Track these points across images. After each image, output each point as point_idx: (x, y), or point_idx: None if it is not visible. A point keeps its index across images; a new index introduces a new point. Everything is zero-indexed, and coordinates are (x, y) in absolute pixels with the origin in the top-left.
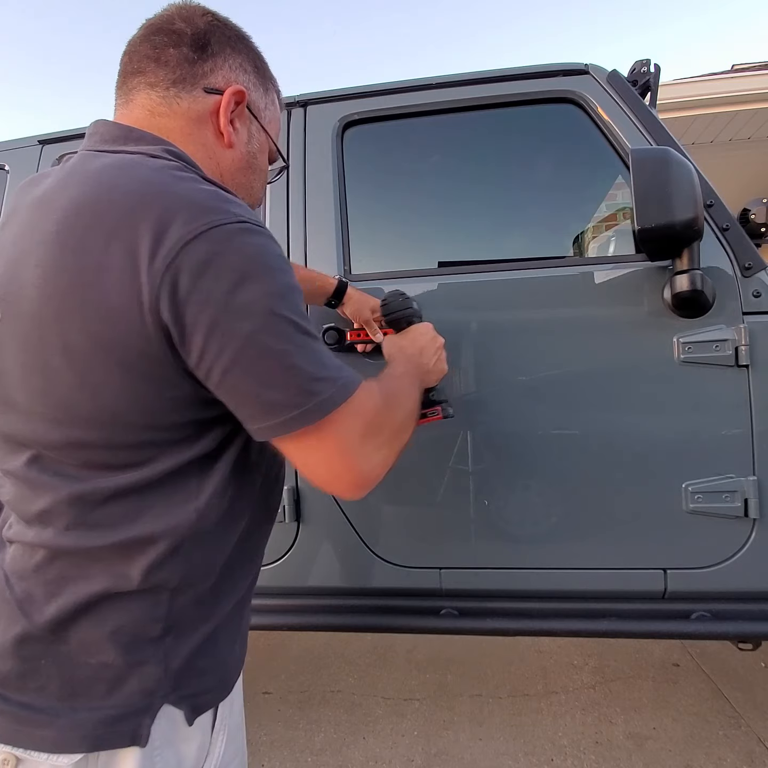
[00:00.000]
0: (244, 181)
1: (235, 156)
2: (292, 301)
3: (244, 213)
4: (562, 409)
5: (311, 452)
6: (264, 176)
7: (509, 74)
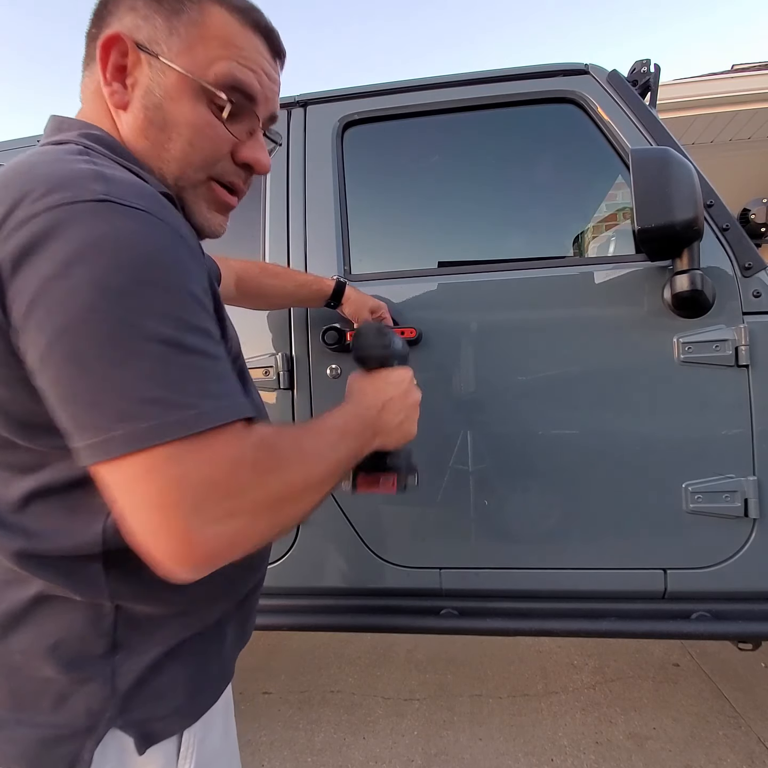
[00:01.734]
0: (149, 144)
1: (129, 118)
2: (147, 301)
3: (118, 192)
4: (562, 409)
5: (123, 492)
6: (182, 128)
7: (509, 74)
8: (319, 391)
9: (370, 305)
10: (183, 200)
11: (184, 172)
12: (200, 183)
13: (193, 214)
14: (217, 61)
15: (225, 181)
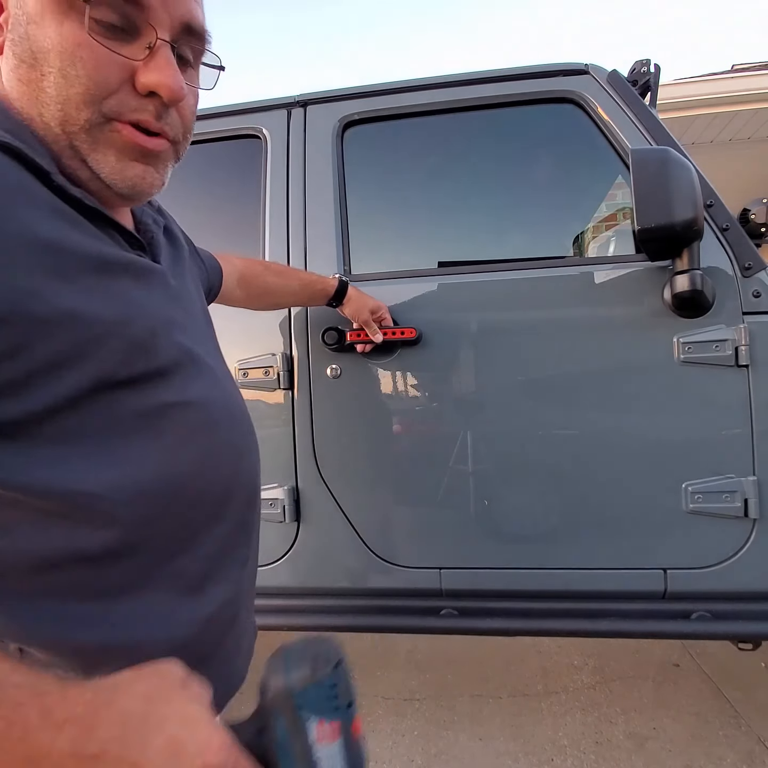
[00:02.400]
0: (26, 88)
1: (4, 63)
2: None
3: None
4: (562, 409)
5: None
6: (52, 58)
7: (509, 74)
8: (319, 391)
9: (370, 306)
10: (82, 153)
11: (66, 113)
12: (94, 125)
13: (99, 165)
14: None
15: (127, 119)
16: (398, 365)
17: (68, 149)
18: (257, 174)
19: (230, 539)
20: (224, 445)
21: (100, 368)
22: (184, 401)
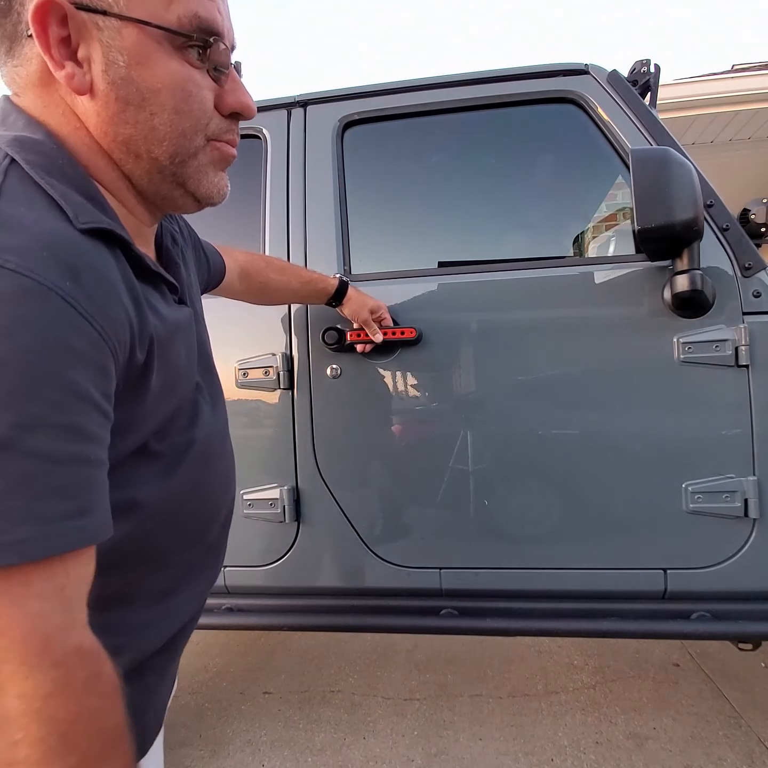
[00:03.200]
0: (134, 130)
1: (99, 105)
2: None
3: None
4: (562, 409)
5: None
6: (164, 97)
7: (509, 74)
8: (319, 391)
9: (369, 305)
10: (185, 176)
11: (180, 145)
12: (200, 149)
13: (200, 185)
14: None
15: (224, 139)
16: (398, 365)
17: (170, 176)
18: (257, 174)
19: (202, 561)
20: (216, 475)
21: (157, 427)
22: (189, 439)
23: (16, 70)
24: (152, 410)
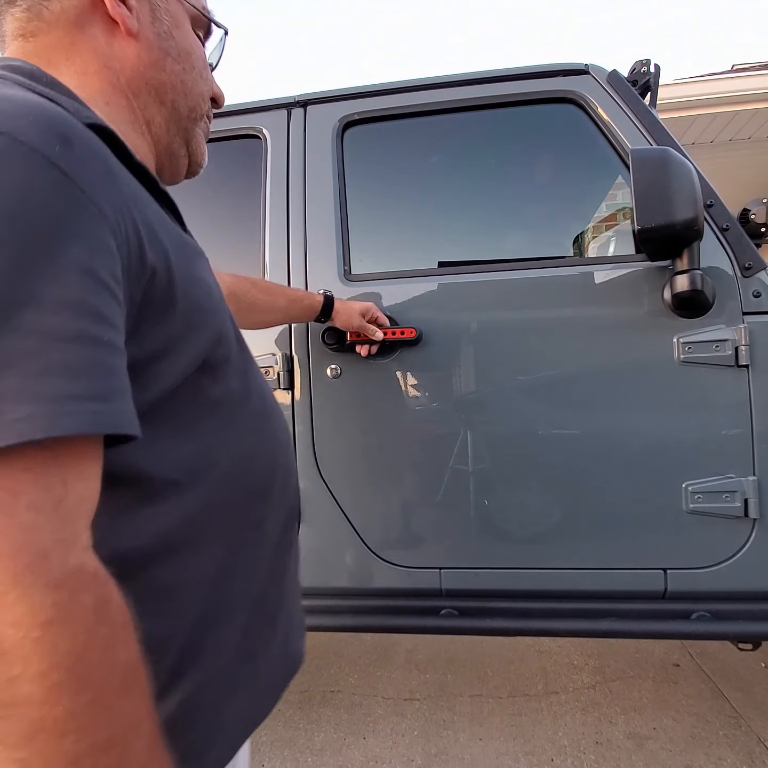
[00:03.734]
0: (167, 78)
1: (141, 48)
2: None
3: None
4: (562, 409)
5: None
6: (194, 60)
7: (509, 74)
8: (319, 391)
9: (358, 311)
10: (191, 134)
11: (197, 103)
12: (203, 116)
13: (198, 147)
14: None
15: (209, 115)
16: (398, 365)
17: (182, 131)
18: (257, 174)
19: (278, 522)
20: (278, 431)
21: (197, 354)
22: (247, 389)
23: (47, 3)
24: (188, 330)
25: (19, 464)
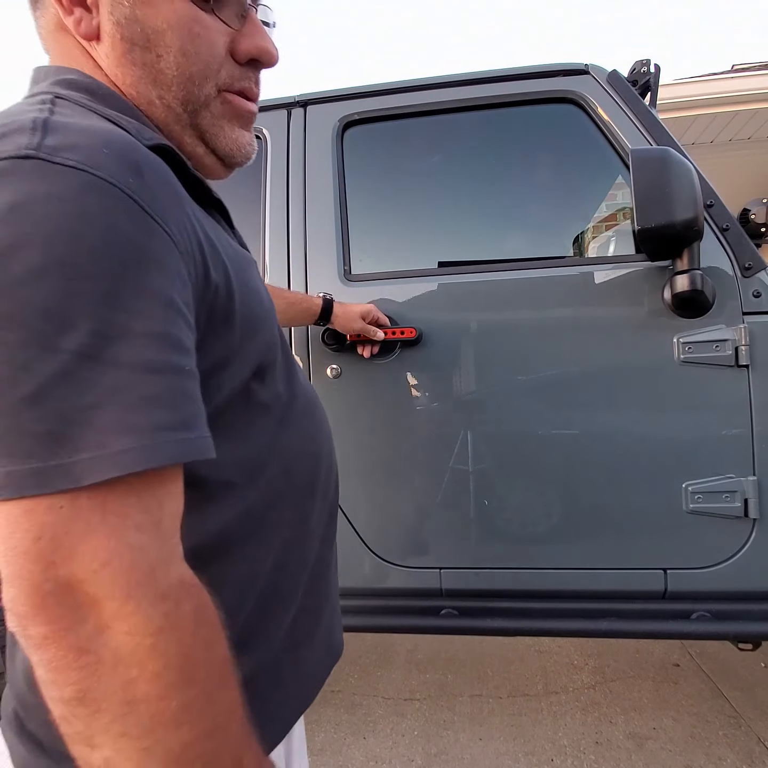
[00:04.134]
0: (141, 72)
1: (106, 47)
2: (47, 293)
3: (56, 144)
4: (562, 409)
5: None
6: (169, 38)
7: (509, 74)
8: (319, 391)
9: (359, 313)
10: (201, 128)
11: (188, 90)
12: (211, 99)
13: (218, 139)
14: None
15: (237, 88)
16: (398, 365)
17: (189, 128)
18: (257, 174)
19: (322, 517)
20: (322, 430)
21: (253, 361)
22: (292, 390)
23: (39, 21)
24: (245, 340)
25: (124, 491)
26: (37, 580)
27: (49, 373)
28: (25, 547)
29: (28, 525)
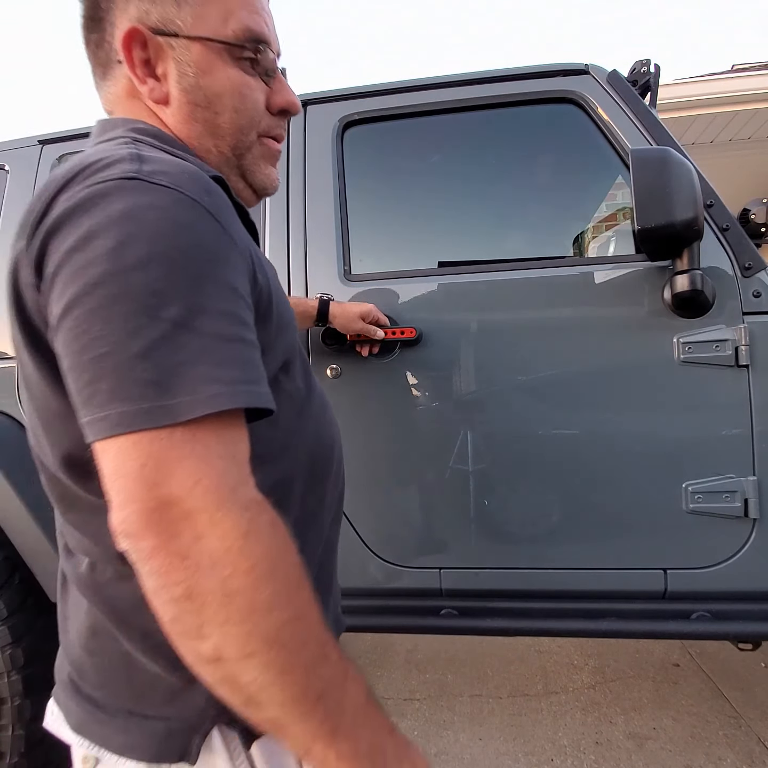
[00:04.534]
0: (202, 127)
1: (174, 110)
2: (155, 277)
3: (149, 170)
4: (562, 409)
5: (109, 468)
6: (226, 99)
7: (509, 74)
8: None
9: (358, 314)
10: (243, 167)
11: (238, 139)
12: (254, 144)
13: (255, 175)
14: (230, 17)
15: (272, 134)
16: (398, 365)
17: (234, 168)
18: None
19: (334, 499)
20: (333, 424)
21: (281, 356)
22: (309, 386)
23: (109, 89)
24: (277, 336)
25: (208, 428)
26: (145, 499)
27: (155, 336)
28: (135, 472)
29: (137, 454)
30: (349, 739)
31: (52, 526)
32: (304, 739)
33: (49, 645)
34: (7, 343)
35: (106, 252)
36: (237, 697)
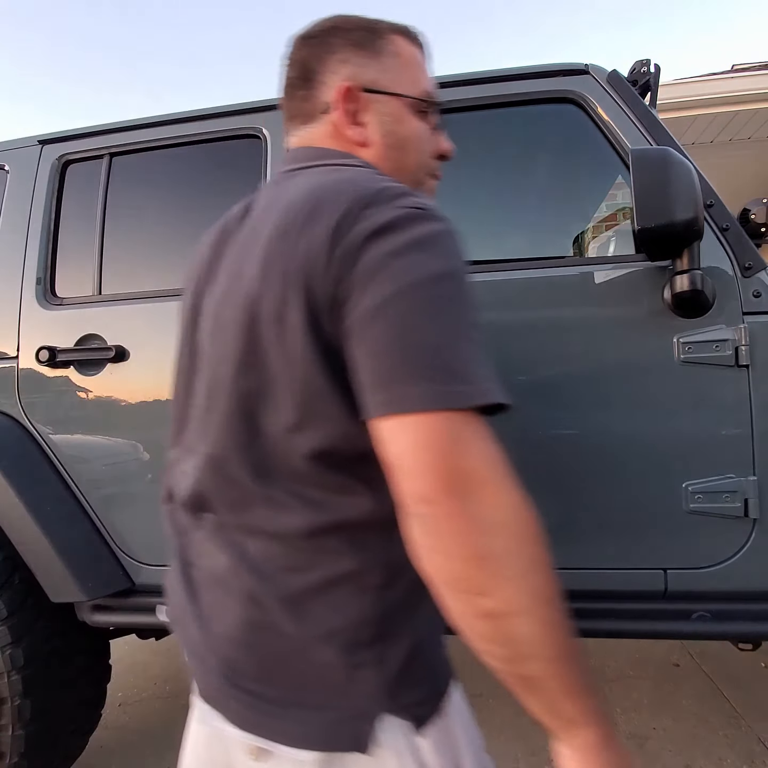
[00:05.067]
0: (392, 164)
1: (371, 151)
2: (462, 289)
3: (423, 205)
4: (562, 409)
5: (400, 441)
6: (411, 142)
7: (509, 74)
8: None
9: None
10: None
11: (417, 175)
12: (425, 180)
13: None
14: (419, 79)
15: (435, 174)
16: None
17: None
18: (257, 174)
19: None
20: None
21: None
22: None
23: (311, 131)
24: None
25: (482, 416)
26: (445, 468)
27: (460, 334)
28: (437, 445)
29: (442, 429)
30: (592, 697)
31: (52, 525)
32: (556, 696)
33: (49, 645)
34: (7, 343)
35: (420, 262)
36: (505, 650)
